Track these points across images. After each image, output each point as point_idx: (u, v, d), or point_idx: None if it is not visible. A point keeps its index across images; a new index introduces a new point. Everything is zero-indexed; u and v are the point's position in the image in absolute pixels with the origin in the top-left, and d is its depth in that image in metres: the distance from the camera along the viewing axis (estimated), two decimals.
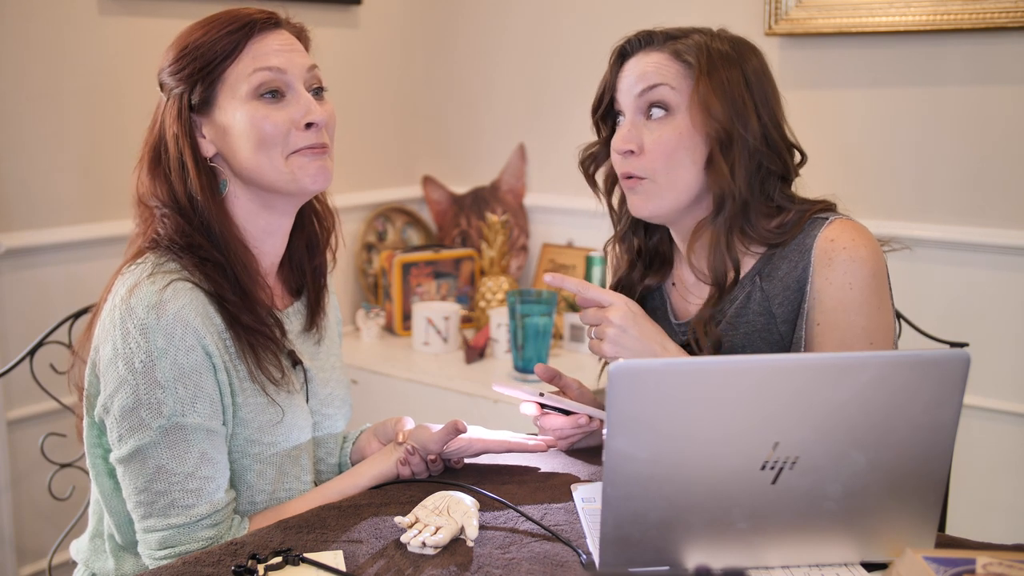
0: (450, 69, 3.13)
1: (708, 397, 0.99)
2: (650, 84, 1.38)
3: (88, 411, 1.34)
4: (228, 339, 1.31)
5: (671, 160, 1.37)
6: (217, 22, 1.33)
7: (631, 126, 1.40)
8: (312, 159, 1.34)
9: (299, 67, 1.34)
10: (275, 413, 1.35)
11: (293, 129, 1.32)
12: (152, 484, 1.27)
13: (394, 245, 3.12)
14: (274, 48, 1.33)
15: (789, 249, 1.39)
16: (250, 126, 1.31)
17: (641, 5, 2.67)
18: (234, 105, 1.31)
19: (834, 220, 1.38)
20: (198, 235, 1.32)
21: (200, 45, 1.32)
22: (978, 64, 2.21)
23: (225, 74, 1.32)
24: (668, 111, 1.38)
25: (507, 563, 1.13)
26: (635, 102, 1.39)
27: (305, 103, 1.33)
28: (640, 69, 1.40)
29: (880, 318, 1.34)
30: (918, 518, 1.07)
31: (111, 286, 1.34)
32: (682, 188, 1.39)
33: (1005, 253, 2.22)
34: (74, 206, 2.36)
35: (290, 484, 1.40)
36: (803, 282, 1.36)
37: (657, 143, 1.37)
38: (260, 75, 1.31)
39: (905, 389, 1.00)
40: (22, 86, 2.25)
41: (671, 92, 1.37)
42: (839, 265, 1.34)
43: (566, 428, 1.45)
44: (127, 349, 1.25)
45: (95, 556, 1.41)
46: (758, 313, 1.39)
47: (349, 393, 1.56)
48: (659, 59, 1.40)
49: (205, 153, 1.35)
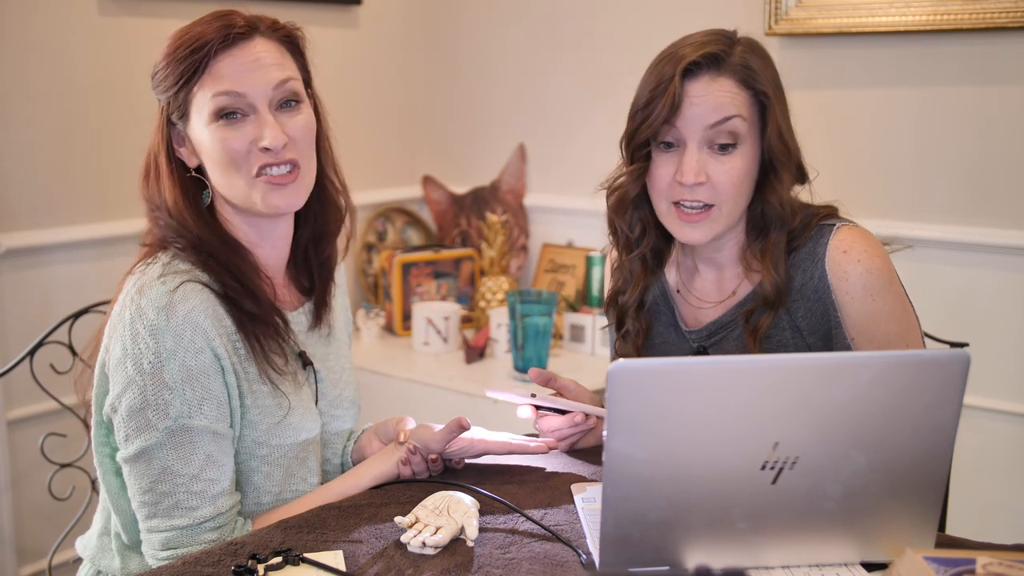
0: (450, 69, 3.13)
1: (708, 397, 0.99)
2: (726, 115, 1.33)
3: (96, 410, 1.35)
4: (238, 341, 1.31)
5: (739, 190, 1.36)
6: (185, 39, 1.32)
7: (695, 157, 1.34)
8: (274, 188, 1.33)
9: (262, 86, 1.31)
10: (283, 410, 1.35)
11: (255, 149, 1.31)
12: (157, 485, 1.27)
13: (394, 245, 3.12)
14: (236, 69, 1.30)
15: (800, 258, 1.38)
16: (212, 148, 1.32)
17: (642, 6, 2.67)
18: (200, 124, 1.32)
19: (840, 227, 1.38)
20: (191, 236, 1.33)
21: (172, 61, 1.32)
22: (977, 64, 2.21)
23: (191, 94, 1.31)
24: (736, 142, 1.35)
25: (507, 563, 1.13)
26: (704, 132, 1.34)
27: (266, 131, 1.30)
28: (714, 99, 1.33)
29: (908, 320, 1.37)
30: (918, 518, 1.07)
31: (123, 284, 1.34)
32: (739, 214, 1.39)
33: (1005, 253, 2.22)
34: (74, 206, 2.36)
35: (296, 486, 1.40)
36: (821, 292, 1.36)
37: (728, 174, 1.35)
38: (218, 100, 1.30)
39: (905, 389, 1.00)
40: (22, 86, 2.25)
41: (743, 123, 1.34)
42: (856, 279, 1.34)
43: (563, 428, 1.45)
44: (136, 349, 1.25)
45: (102, 554, 1.41)
46: (782, 328, 1.39)
47: (358, 394, 1.57)
48: (730, 87, 1.34)
49: (188, 163, 1.36)
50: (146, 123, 1.40)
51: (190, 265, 1.31)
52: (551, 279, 2.95)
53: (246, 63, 1.31)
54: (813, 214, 1.41)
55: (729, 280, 1.46)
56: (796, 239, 1.39)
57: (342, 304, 1.57)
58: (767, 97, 1.35)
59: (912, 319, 1.38)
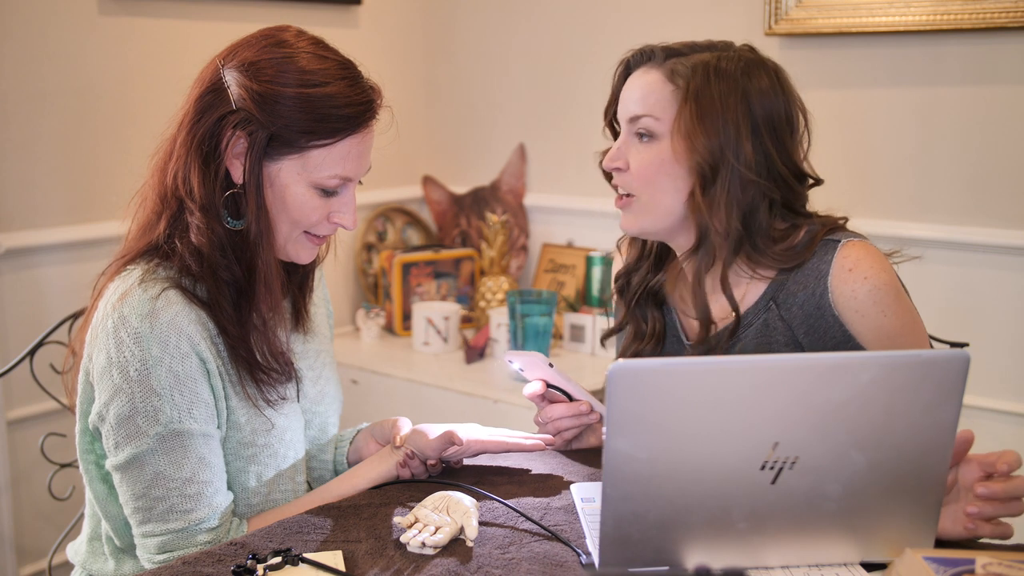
0: (450, 69, 3.13)
1: (708, 397, 0.99)
2: (636, 114, 1.36)
3: (81, 418, 1.34)
4: (220, 344, 1.31)
5: (652, 184, 1.36)
6: (329, 94, 1.27)
7: (621, 144, 1.39)
8: (312, 247, 1.36)
9: (363, 171, 1.34)
10: (267, 420, 1.36)
11: (325, 221, 1.33)
12: (150, 490, 1.27)
13: (394, 245, 3.12)
14: (359, 151, 1.31)
15: (803, 274, 1.36)
16: (296, 206, 1.30)
17: (642, 5, 2.67)
18: (295, 177, 1.29)
19: (845, 244, 1.35)
20: (229, 251, 1.29)
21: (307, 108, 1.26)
22: (978, 64, 2.21)
23: (307, 151, 1.28)
24: (653, 137, 1.36)
25: (507, 563, 1.13)
26: (627, 124, 1.39)
27: (348, 209, 1.33)
28: (633, 93, 1.38)
29: (919, 328, 1.36)
30: (918, 518, 1.07)
31: (102, 291, 1.33)
32: (663, 212, 1.37)
33: (1005, 253, 2.22)
34: (74, 206, 2.36)
35: (285, 485, 1.40)
36: (824, 309, 1.34)
37: (640, 165, 1.36)
38: (333, 181, 1.30)
39: (905, 389, 1.00)
40: (22, 86, 2.25)
41: (655, 123, 1.35)
42: (864, 297, 1.32)
43: (566, 417, 1.44)
44: (121, 357, 1.24)
45: (93, 558, 1.41)
46: (783, 344, 1.37)
47: (340, 388, 1.56)
48: (653, 79, 1.37)
49: (234, 176, 1.30)
50: (146, 123, 1.39)
51: (173, 272, 1.29)
52: (551, 279, 2.95)
53: (365, 147, 1.33)
54: (817, 230, 1.38)
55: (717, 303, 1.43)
56: (800, 255, 1.36)
57: (323, 297, 1.56)
58: (696, 105, 1.32)
59: (922, 328, 1.37)
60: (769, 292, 1.38)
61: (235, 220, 1.30)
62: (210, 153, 1.28)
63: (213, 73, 1.30)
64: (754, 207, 1.34)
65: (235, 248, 1.30)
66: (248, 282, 1.31)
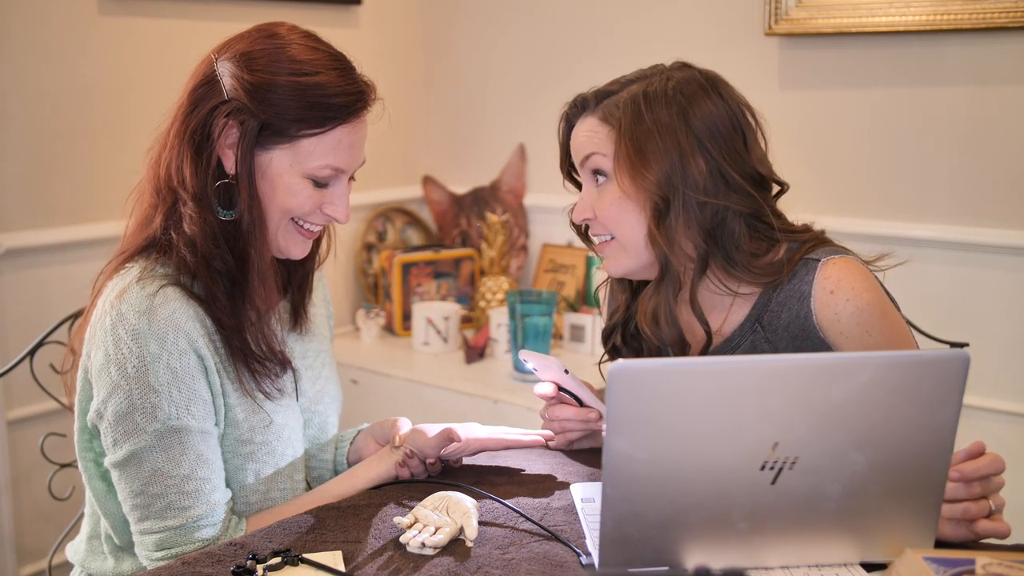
0: (450, 69, 3.13)
1: (708, 397, 0.99)
2: (584, 155, 1.36)
3: (79, 416, 1.34)
4: (218, 341, 1.31)
5: (619, 223, 1.35)
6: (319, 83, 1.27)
7: (584, 195, 1.39)
8: (301, 240, 1.35)
9: (357, 162, 1.34)
10: (265, 416, 1.36)
11: (319, 211, 1.33)
12: (148, 487, 1.27)
13: (394, 245, 3.12)
14: (351, 141, 1.31)
15: (786, 295, 1.34)
16: (288, 195, 1.30)
17: (642, 6, 2.67)
18: (286, 167, 1.29)
19: (825, 263, 1.32)
20: (222, 241, 1.29)
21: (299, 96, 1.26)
22: (977, 64, 2.21)
23: (298, 140, 1.28)
24: (607, 176, 1.35)
25: (507, 563, 1.13)
26: (582, 169, 1.39)
27: (341, 201, 1.33)
28: (576, 141, 1.38)
29: (906, 342, 1.35)
30: (918, 518, 1.07)
31: (101, 289, 1.34)
32: (640, 248, 1.36)
33: (1005, 253, 2.22)
34: (73, 206, 2.36)
35: (283, 483, 1.40)
36: (808, 331, 1.33)
37: (601, 209, 1.36)
38: (325, 171, 1.30)
39: (905, 389, 1.00)
40: (22, 86, 2.25)
41: (603, 160, 1.34)
42: (848, 319, 1.31)
43: (573, 421, 1.44)
44: (119, 355, 1.25)
45: (92, 557, 1.41)
46: None
47: (339, 388, 1.56)
48: (591, 125, 1.36)
49: (226, 165, 1.30)
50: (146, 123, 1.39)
51: (171, 269, 1.30)
52: (551, 279, 2.95)
53: (357, 138, 1.33)
54: (797, 247, 1.36)
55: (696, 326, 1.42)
56: (779, 272, 1.34)
57: (323, 297, 1.57)
58: (631, 142, 1.31)
59: (910, 341, 1.36)
60: (753, 314, 1.37)
61: (227, 211, 1.30)
62: (202, 143, 1.28)
63: (207, 66, 1.31)
64: (718, 222, 1.32)
65: (228, 238, 1.30)
66: (241, 272, 1.31)
